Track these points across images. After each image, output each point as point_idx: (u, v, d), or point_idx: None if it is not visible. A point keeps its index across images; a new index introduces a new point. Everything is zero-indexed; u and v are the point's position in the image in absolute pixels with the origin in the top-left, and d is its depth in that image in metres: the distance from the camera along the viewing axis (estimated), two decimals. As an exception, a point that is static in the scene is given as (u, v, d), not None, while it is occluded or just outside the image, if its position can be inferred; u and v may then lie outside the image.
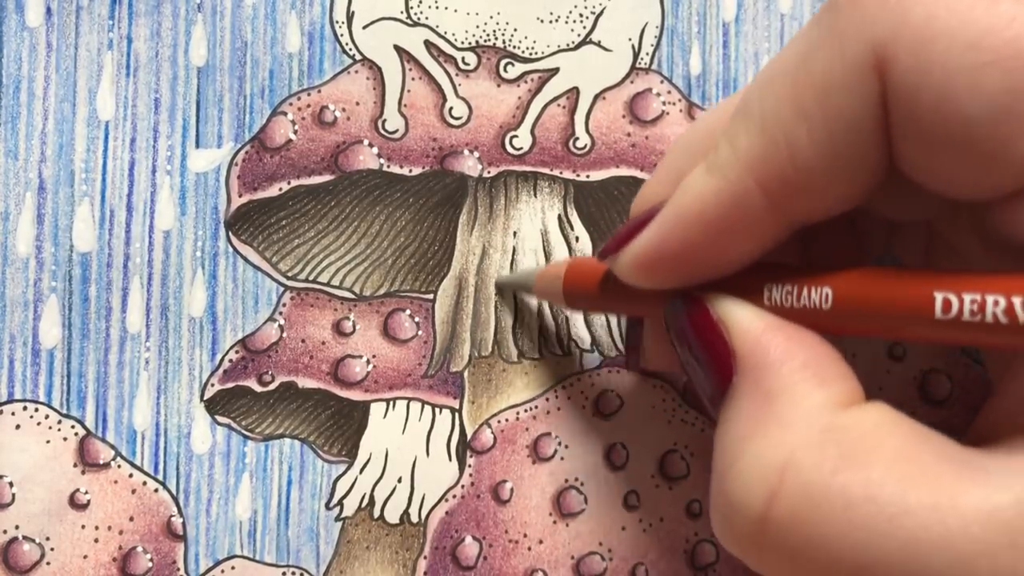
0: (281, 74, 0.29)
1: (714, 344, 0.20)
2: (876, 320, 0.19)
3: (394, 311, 0.28)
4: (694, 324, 0.21)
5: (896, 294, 0.19)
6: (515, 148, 0.29)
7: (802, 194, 0.19)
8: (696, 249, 0.21)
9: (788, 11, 0.30)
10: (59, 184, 0.28)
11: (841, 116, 0.18)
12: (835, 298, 0.19)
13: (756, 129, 0.19)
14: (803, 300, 0.20)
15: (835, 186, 0.19)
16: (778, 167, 0.19)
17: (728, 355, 0.20)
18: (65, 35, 0.28)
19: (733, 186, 0.19)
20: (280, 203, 0.28)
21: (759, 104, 0.19)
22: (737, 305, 0.21)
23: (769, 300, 0.21)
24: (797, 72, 0.19)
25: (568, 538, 0.28)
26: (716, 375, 0.20)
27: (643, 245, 0.21)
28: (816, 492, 0.18)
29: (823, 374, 0.19)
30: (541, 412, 0.29)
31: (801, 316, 0.20)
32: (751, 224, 0.20)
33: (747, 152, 0.19)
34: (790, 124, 0.19)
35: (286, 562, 0.28)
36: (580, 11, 0.29)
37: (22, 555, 0.27)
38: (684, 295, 0.21)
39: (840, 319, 0.20)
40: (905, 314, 0.18)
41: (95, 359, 0.27)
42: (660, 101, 0.29)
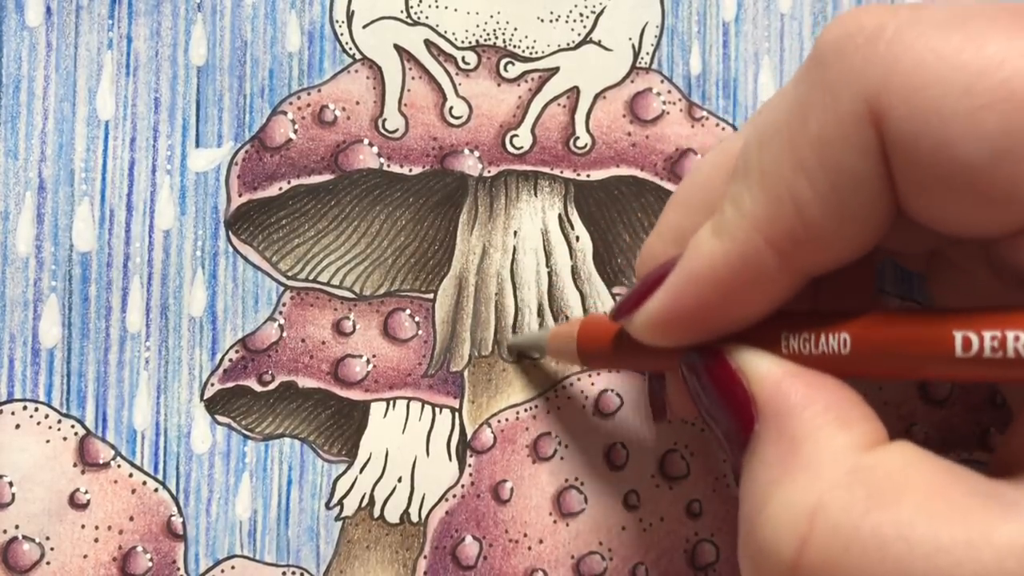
0: (281, 73, 0.29)
1: (734, 393, 0.20)
2: (896, 361, 0.19)
3: (394, 311, 0.28)
4: (712, 375, 0.21)
5: (915, 335, 0.19)
6: (515, 147, 0.29)
7: (812, 248, 0.19)
8: (710, 309, 0.21)
9: (788, 11, 0.30)
10: (59, 184, 0.28)
11: (842, 169, 0.18)
12: (853, 343, 0.20)
13: (758, 188, 0.19)
14: (821, 347, 0.20)
15: (844, 236, 0.19)
16: (785, 224, 0.19)
17: (748, 404, 0.20)
18: (65, 35, 0.28)
19: (742, 246, 0.20)
20: (280, 202, 0.28)
21: (758, 163, 0.19)
22: (755, 354, 0.21)
23: (787, 348, 0.21)
24: (792, 129, 0.19)
25: (568, 538, 0.28)
26: (737, 424, 0.20)
27: (656, 307, 0.21)
28: (847, 535, 0.17)
29: (845, 416, 0.19)
30: (541, 412, 0.29)
31: (820, 362, 0.20)
32: (763, 281, 0.20)
33: (752, 212, 0.19)
34: (791, 180, 0.19)
35: (286, 562, 0.28)
36: (580, 10, 0.29)
37: (22, 555, 0.27)
38: (701, 347, 0.22)
39: (859, 363, 0.20)
40: (925, 354, 0.18)
41: (95, 359, 0.27)
42: (660, 101, 0.29)
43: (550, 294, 0.29)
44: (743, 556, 0.20)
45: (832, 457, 0.19)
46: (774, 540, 0.18)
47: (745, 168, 0.20)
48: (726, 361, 0.21)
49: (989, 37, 0.17)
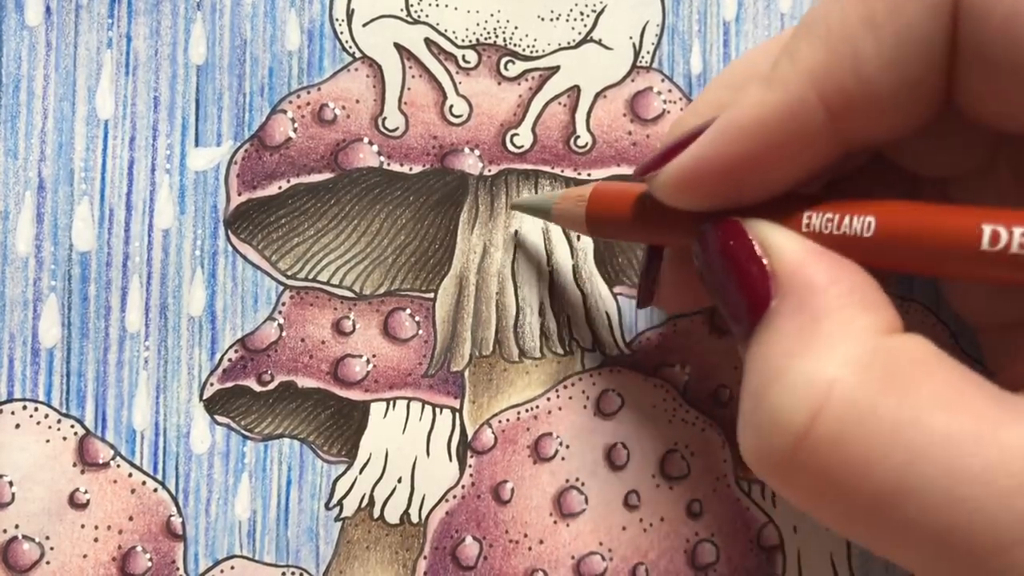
0: (281, 72, 0.28)
1: (750, 267, 0.20)
2: (919, 252, 0.19)
3: (394, 310, 0.28)
4: (729, 246, 0.20)
5: (942, 224, 0.18)
6: (516, 146, 0.29)
7: (862, 110, 0.19)
8: (748, 163, 0.20)
9: (788, 10, 0.30)
10: (58, 183, 0.28)
11: (911, 28, 0.18)
12: (878, 226, 0.19)
13: (819, 41, 0.19)
14: (844, 228, 0.20)
15: (895, 105, 0.19)
16: (840, 79, 0.19)
17: (766, 279, 0.20)
18: (64, 34, 0.28)
19: (792, 98, 0.19)
20: (280, 201, 0.28)
21: (825, 17, 0.19)
22: (776, 229, 0.20)
23: (808, 227, 0.20)
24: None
25: (568, 538, 0.28)
26: (751, 298, 0.20)
27: (691, 158, 0.21)
28: (862, 412, 0.17)
29: (869, 300, 0.19)
30: (542, 412, 0.29)
31: (841, 244, 0.20)
32: (808, 139, 0.20)
33: (809, 64, 0.19)
34: (858, 34, 0.18)
35: (286, 562, 0.28)
36: (581, 9, 0.29)
37: (22, 554, 0.27)
38: (718, 218, 0.21)
39: (882, 249, 0.19)
40: (950, 246, 0.18)
41: (94, 358, 0.27)
42: (661, 100, 0.29)
43: (551, 293, 0.29)
44: (745, 430, 0.20)
45: (854, 336, 0.18)
46: (786, 410, 0.18)
47: (810, 22, 0.19)
48: (746, 233, 0.20)
49: None
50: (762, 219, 0.20)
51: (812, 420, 0.18)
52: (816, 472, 0.18)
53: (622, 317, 0.29)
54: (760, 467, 0.19)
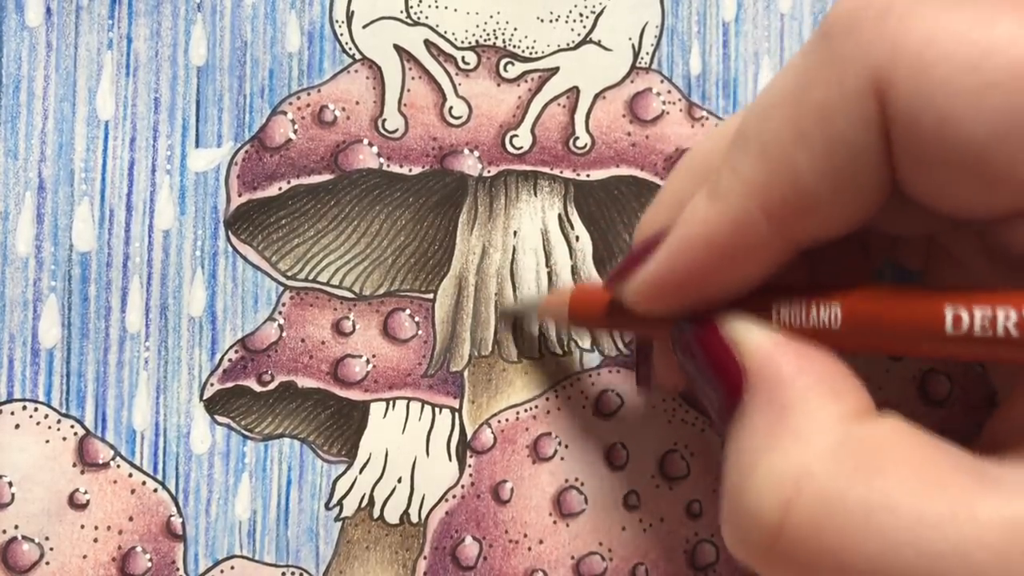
0: (281, 73, 0.29)
1: (723, 362, 0.21)
2: (886, 337, 0.19)
3: (394, 311, 0.28)
4: (703, 343, 0.21)
5: (905, 311, 0.19)
6: (515, 147, 0.29)
7: (805, 218, 0.19)
8: (701, 275, 0.21)
9: (788, 11, 0.30)
10: (59, 184, 0.28)
11: (842, 141, 0.18)
12: (844, 316, 0.20)
13: (756, 155, 0.19)
14: (812, 319, 0.20)
15: (838, 209, 0.19)
16: (780, 192, 0.19)
17: (738, 372, 0.20)
18: (65, 35, 0.28)
19: (736, 211, 0.20)
20: (280, 202, 0.28)
21: (758, 131, 0.19)
22: (746, 324, 0.21)
23: (778, 320, 0.21)
24: (796, 99, 0.19)
25: (568, 538, 0.28)
26: (726, 393, 0.20)
27: (650, 273, 0.22)
28: (833, 501, 0.18)
29: (836, 387, 0.19)
30: (541, 412, 0.29)
31: (811, 335, 0.20)
32: (755, 248, 0.20)
33: (749, 178, 0.19)
34: (790, 150, 0.19)
35: (286, 562, 0.28)
36: (580, 10, 0.29)
37: (21, 555, 0.27)
38: (692, 316, 0.22)
39: (850, 337, 0.20)
40: (915, 330, 0.18)
41: (95, 359, 0.27)
42: (660, 101, 0.29)
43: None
44: (726, 524, 0.20)
45: (821, 426, 0.19)
46: (759, 505, 0.19)
47: (744, 137, 0.20)
48: (716, 330, 0.21)
49: (999, 16, 0.17)
50: (735, 314, 0.21)
51: (784, 515, 0.18)
52: (795, 563, 0.18)
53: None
54: (743, 558, 0.20)
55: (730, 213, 0.20)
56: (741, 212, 0.20)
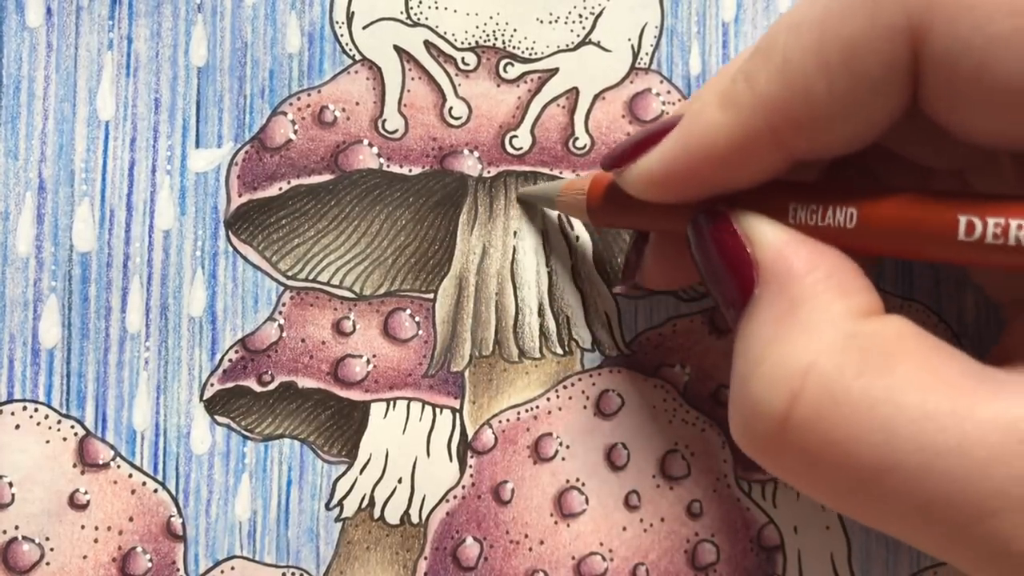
0: (281, 74, 0.29)
1: (736, 256, 0.21)
2: (899, 240, 0.19)
3: (394, 311, 0.28)
4: (717, 237, 0.21)
5: (919, 216, 0.19)
6: (515, 148, 0.29)
7: (811, 137, 0.20)
8: (698, 174, 0.21)
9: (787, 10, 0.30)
10: (59, 184, 0.28)
11: (866, 76, 0.18)
12: (859, 218, 0.20)
13: (776, 73, 0.19)
14: (827, 219, 0.20)
15: (846, 132, 0.20)
16: (791, 113, 0.19)
17: (750, 267, 0.21)
18: (65, 35, 0.28)
19: (744, 125, 0.20)
20: (280, 203, 0.28)
21: (783, 49, 0.19)
22: (761, 220, 0.21)
23: (794, 218, 0.21)
24: (824, 26, 0.19)
25: (569, 538, 0.28)
26: (738, 286, 0.21)
27: (649, 166, 0.22)
28: (838, 394, 0.18)
29: (846, 285, 0.20)
30: (542, 412, 0.29)
31: (824, 234, 0.20)
32: (755, 158, 0.20)
33: (763, 93, 0.20)
34: (810, 76, 0.19)
35: (286, 563, 0.28)
36: (579, 11, 0.29)
37: (22, 555, 0.27)
38: (709, 210, 0.22)
39: (863, 238, 0.20)
40: (928, 235, 0.19)
41: (95, 359, 0.27)
42: (660, 101, 0.29)
43: (550, 294, 0.29)
44: (734, 415, 0.20)
45: (830, 321, 0.19)
46: (766, 395, 0.19)
47: (768, 49, 0.20)
48: (731, 225, 0.21)
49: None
50: (750, 210, 0.21)
51: (790, 405, 0.19)
52: (800, 453, 0.19)
53: (622, 317, 0.29)
54: (748, 450, 0.20)
55: (737, 125, 0.20)
56: (748, 125, 0.20)
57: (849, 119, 0.19)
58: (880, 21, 0.18)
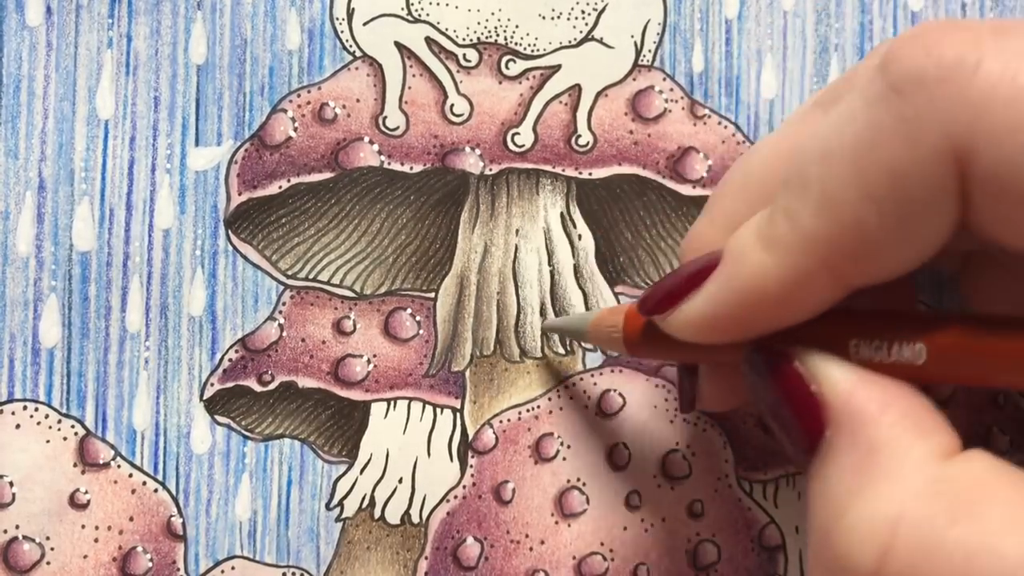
0: (281, 71, 0.28)
1: (803, 398, 0.20)
2: (971, 372, 0.19)
3: (395, 310, 0.28)
4: (779, 378, 0.21)
5: (993, 348, 0.18)
6: (517, 145, 0.29)
7: (867, 268, 0.19)
8: (752, 317, 0.21)
9: (791, 8, 0.30)
10: (59, 183, 0.28)
11: (915, 201, 0.18)
12: (930, 354, 0.19)
13: (819, 208, 0.19)
14: (894, 355, 0.20)
15: (902, 257, 0.19)
16: (845, 247, 0.19)
17: (818, 409, 0.20)
18: (65, 34, 0.28)
19: (796, 265, 0.19)
20: (280, 201, 0.28)
21: (819, 182, 0.19)
22: (825, 359, 0.20)
23: (856, 354, 0.20)
24: (861, 154, 0.18)
25: (570, 538, 0.28)
26: (806, 430, 0.20)
27: (695, 312, 0.21)
28: (932, 546, 0.17)
29: (923, 425, 0.19)
30: (543, 412, 0.29)
31: (890, 369, 0.20)
32: (809, 296, 0.20)
33: (810, 230, 0.19)
34: (857, 207, 0.18)
35: (286, 562, 0.28)
36: (582, 8, 0.29)
37: (22, 555, 0.27)
38: (766, 348, 0.21)
39: (934, 373, 0.19)
40: (1003, 366, 0.18)
41: (95, 359, 0.27)
42: (662, 98, 0.29)
43: (552, 293, 0.29)
44: (816, 566, 0.20)
45: (912, 467, 0.18)
46: (855, 550, 0.18)
47: (802, 183, 0.19)
48: (794, 366, 0.21)
49: None
50: (812, 348, 0.21)
51: (882, 559, 0.18)
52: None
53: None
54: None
55: (787, 266, 0.20)
56: (800, 265, 0.19)
57: (903, 244, 0.19)
58: (923, 147, 0.18)
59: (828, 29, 0.30)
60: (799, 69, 0.30)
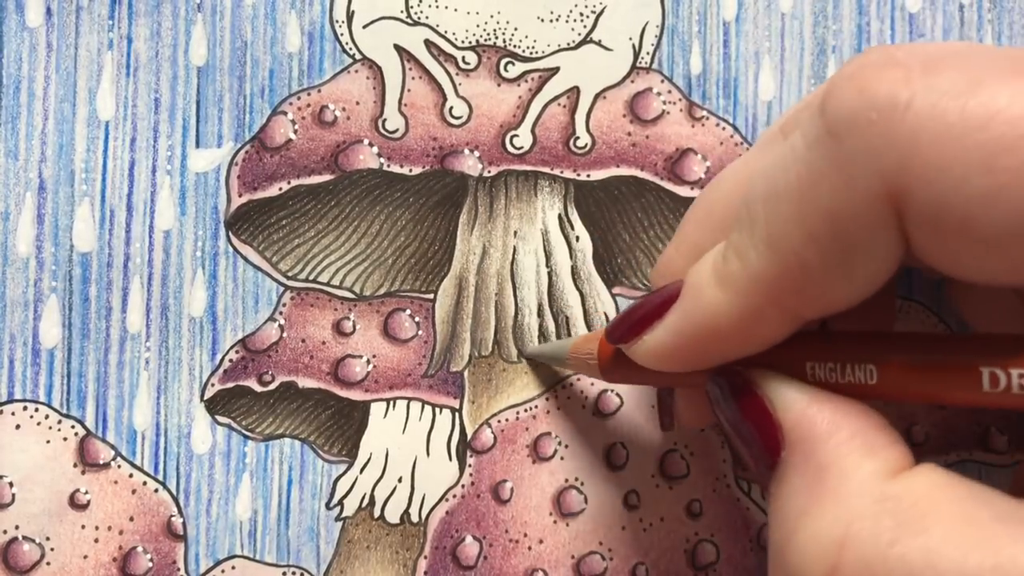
0: (281, 74, 0.29)
1: (761, 420, 0.21)
2: (921, 391, 0.19)
3: (394, 311, 0.28)
4: (740, 402, 0.21)
5: (941, 369, 0.19)
6: (515, 147, 0.29)
7: (815, 302, 0.20)
8: (709, 349, 0.21)
9: (788, 10, 0.30)
10: (59, 184, 0.28)
11: (854, 241, 0.18)
12: (880, 374, 0.20)
13: (764, 247, 0.19)
14: (847, 376, 0.20)
15: (849, 291, 0.19)
16: (791, 284, 0.19)
17: (775, 430, 0.20)
18: (65, 35, 0.28)
19: (745, 302, 0.20)
20: (280, 203, 0.28)
21: (764, 223, 0.19)
22: (781, 381, 0.21)
23: (813, 376, 0.21)
24: (802, 197, 0.19)
25: (568, 538, 0.28)
26: (764, 450, 0.21)
27: (656, 343, 0.22)
28: (876, 564, 0.18)
29: (871, 443, 0.19)
30: (541, 412, 0.29)
31: (845, 389, 0.20)
32: (762, 330, 0.21)
33: (757, 270, 0.20)
34: (800, 247, 0.19)
35: (286, 562, 0.28)
36: (580, 10, 0.29)
37: (22, 555, 0.27)
38: (726, 373, 0.22)
39: (885, 391, 0.20)
40: (951, 387, 0.19)
41: (95, 359, 0.27)
42: (660, 100, 0.29)
43: (550, 294, 0.29)
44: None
45: (859, 486, 0.19)
46: (804, 569, 0.19)
47: (750, 222, 0.20)
48: (753, 388, 0.21)
49: (1006, 105, 0.17)
50: (770, 371, 0.21)
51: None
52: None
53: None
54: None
55: (739, 304, 0.20)
56: (751, 304, 0.20)
57: (847, 281, 0.19)
58: (857, 189, 0.18)
59: (826, 31, 0.30)
60: (797, 71, 0.30)
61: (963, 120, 0.17)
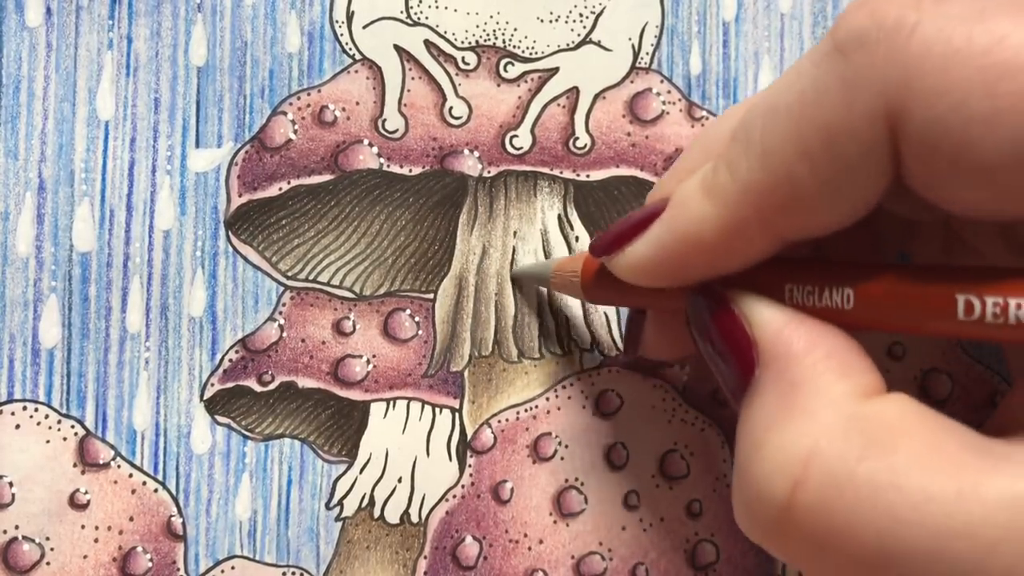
0: (281, 74, 0.29)
1: (737, 338, 0.21)
2: (897, 319, 0.19)
3: (394, 311, 0.28)
4: (717, 319, 0.21)
5: (917, 296, 0.19)
6: (515, 148, 0.29)
7: (798, 220, 0.20)
8: (690, 262, 0.21)
9: (788, 11, 0.30)
10: (59, 184, 0.28)
11: (847, 160, 0.18)
12: (856, 299, 0.20)
13: (757, 161, 0.19)
14: (824, 300, 0.20)
15: (833, 213, 0.20)
16: (779, 200, 0.19)
17: (750, 348, 0.20)
18: (65, 35, 0.28)
19: (731, 214, 0.20)
20: (280, 203, 0.28)
21: (761, 136, 0.19)
22: (759, 301, 0.21)
23: (791, 299, 0.21)
24: (801, 112, 0.19)
25: (568, 538, 0.28)
26: (739, 368, 0.21)
27: (637, 255, 0.22)
28: (841, 479, 0.18)
29: (846, 365, 0.19)
30: (541, 412, 0.29)
31: (823, 313, 0.20)
32: (745, 246, 0.20)
33: (747, 182, 0.20)
34: (793, 163, 0.19)
35: (286, 562, 0.28)
36: (580, 11, 0.29)
37: (22, 555, 0.27)
38: (706, 291, 0.22)
39: (861, 318, 0.20)
40: (926, 315, 0.19)
41: (95, 359, 0.27)
42: (660, 101, 0.29)
43: (550, 294, 0.29)
44: (736, 499, 0.20)
45: (830, 403, 0.19)
46: (768, 482, 0.19)
47: (747, 137, 0.20)
48: (730, 307, 0.21)
49: (1011, 33, 0.17)
50: (748, 292, 0.21)
51: (793, 491, 0.18)
52: (803, 540, 0.18)
53: (620, 317, 0.29)
54: (751, 535, 0.20)
55: (724, 215, 0.20)
56: (736, 215, 0.20)
57: (835, 201, 0.19)
58: (857, 106, 0.18)
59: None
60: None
61: (968, 44, 0.17)
